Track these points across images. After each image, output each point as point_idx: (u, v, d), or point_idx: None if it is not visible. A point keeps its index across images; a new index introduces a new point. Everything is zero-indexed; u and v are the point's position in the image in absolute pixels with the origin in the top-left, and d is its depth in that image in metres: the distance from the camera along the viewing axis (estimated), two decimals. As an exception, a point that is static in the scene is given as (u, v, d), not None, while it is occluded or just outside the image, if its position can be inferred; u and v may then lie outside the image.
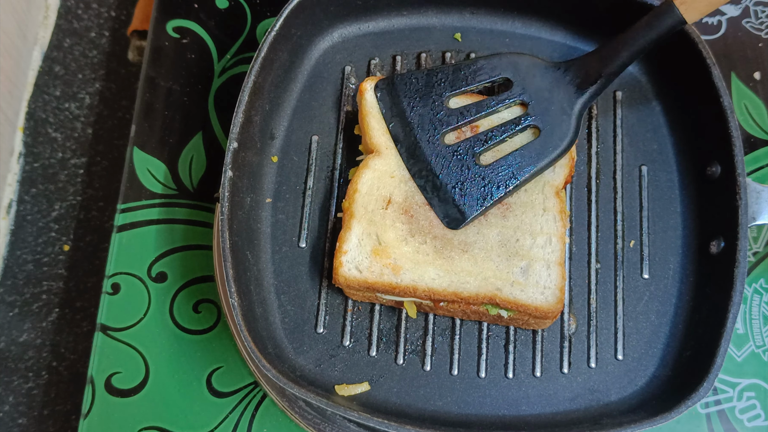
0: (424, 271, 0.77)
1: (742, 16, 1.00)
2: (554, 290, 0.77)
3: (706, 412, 0.85)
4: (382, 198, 0.79)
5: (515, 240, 0.78)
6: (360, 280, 0.77)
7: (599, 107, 0.90)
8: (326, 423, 0.81)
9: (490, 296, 0.76)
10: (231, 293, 0.74)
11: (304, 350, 0.81)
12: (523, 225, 0.79)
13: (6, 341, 0.96)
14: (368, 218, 0.78)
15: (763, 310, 0.89)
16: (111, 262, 0.88)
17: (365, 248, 0.77)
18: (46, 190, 1.02)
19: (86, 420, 0.83)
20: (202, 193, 0.91)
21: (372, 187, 0.80)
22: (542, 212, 0.80)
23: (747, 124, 0.95)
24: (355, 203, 0.79)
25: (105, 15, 1.11)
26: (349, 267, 0.77)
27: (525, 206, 0.80)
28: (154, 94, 0.95)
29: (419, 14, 0.93)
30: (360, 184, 0.80)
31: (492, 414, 0.80)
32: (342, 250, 0.77)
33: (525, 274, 0.77)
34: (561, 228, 0.79)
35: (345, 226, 0.79)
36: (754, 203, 0.80)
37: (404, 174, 0.81)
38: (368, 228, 0.78)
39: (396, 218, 0.79)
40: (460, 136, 0.82)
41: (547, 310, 0.76)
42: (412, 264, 0.77)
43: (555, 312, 0.77)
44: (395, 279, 0.76)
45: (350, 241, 0.78)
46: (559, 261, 0.78)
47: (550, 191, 0.81)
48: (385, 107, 0.83)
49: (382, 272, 0.77)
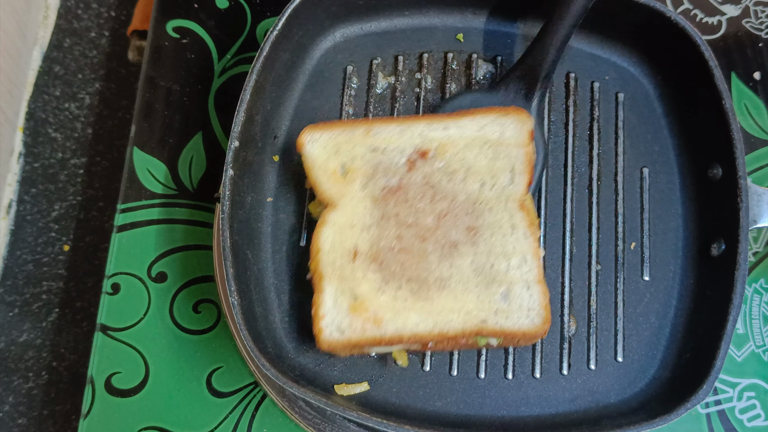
0: (406, 317, 0.74)
1: (742, 16, 1.00)
2: (539, 310, 0.75)
3: (706, 412, 0.85)
4: (347, 251, 0.76)
5: (490, 266, 0.76)
6: (344, 342, 0.73)
7: (601, 109, 0.90)
8: (326, 423, 0.81)
9: (476, 330, 0.74)
10: (231, 292, 0.74)
11: (304, 350, 0.81)
12: (495, 248, 0.76)
13: (6, 341, 0.96)
14: (338, 275, 0.75)
15: (763, 310, 0.89)
16: (111, 262, 0.88)
17: (342, 307, 0.74)
18: (46, 190, 1.02)
19: (86, 420, 0.83)
20: (202, 193, 0.91)
21: (334, 242, 0.76)
22: (511, 231, 0.77)
23: (747, 124, 0.95)
24: (322, 263, 0.75)
25: (105, 15, 1.10)
26: (330, 330, 0.73)
27: (492, 228, 0.77)
28: (154, 94, 0.94)
29: (421, 14, 0.92)
30: (322, 242, 0.76)
31: (491, 415, 0.80)
32: (319, 315, 0.74)
33: (507, 299, 0.75)
34: (533, 243, 0.76)
35: (317, 289, 0.75)
36: (755, 206, 0.80)
37: (364, 221, 0.77)
38: (340, 285, 0.75)
39: (366, 269, 0.75)
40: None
41: (535, 332, 0.74)
42: (393, 313, 0.74)
43: (543, 332, 0.75)
44: (379, 331, 0.73)
45: (325, 304, 0.74)
46: (538, 278, 0.76)
47: (514, 206, 0.77)
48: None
49: (364, 328, 0.74)
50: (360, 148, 0.78)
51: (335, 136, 0.78)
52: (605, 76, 0.92)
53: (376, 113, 0.89)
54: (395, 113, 0.89)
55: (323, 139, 0.78)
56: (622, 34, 0.90)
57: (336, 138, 0.78)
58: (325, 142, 0.78)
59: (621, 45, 0.91)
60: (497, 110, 0.79)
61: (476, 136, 0.79)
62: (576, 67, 0.91)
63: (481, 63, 0.92)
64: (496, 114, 0.79)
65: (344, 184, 0.78)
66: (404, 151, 0.78)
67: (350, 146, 0.78)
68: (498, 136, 0.79)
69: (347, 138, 0.78)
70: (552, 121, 0.90)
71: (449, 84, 0.91)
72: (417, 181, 0.78)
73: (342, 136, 0.78)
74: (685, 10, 1.00)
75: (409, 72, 0.91)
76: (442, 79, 0.91)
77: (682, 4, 1.01)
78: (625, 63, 0.92)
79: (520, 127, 0.79)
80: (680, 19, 0.85)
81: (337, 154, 0.78)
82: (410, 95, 0.90)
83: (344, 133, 0.79)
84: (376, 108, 0.89)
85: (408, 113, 0.89)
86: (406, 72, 0.91)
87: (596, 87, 0.91)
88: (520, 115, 0.79)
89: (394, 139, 0.79)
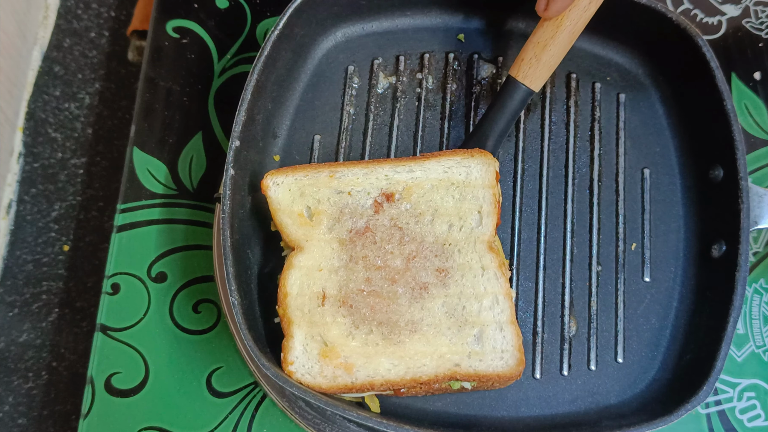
0: (378, 363, 0.73)
1: (742, 16, 1.00)
2: (513, 352, 0.74)
3: (707, 412, 0.85)
4: (315, 295, 0.75)
5: (461, 307, 0.75)
6: (314, 386, 0.72)
7: (602, 109, 0.90)
8: (326, 423, 0.81)
9: (449, 374, 0.73)
10: (231, 291, 0.74)
11: (304, 350, 0.81)
12: (466, 290, 0.75)
13: (6, 341, 0.96)
14: (307, 320, 0.74)
15: (763, 310, 0.89)
16: (111, 262, 0.88)
17: (312, 353, 0.73)
18: (46, 190, 1.02)
19: (86, 420, 0.83)
20: (202, 193, 0.91)
21: (302, 286, 0.75)
22: (481, 272, 0.76)
23: (747, 124, 0.95)
24: (290, 308, 0.74)
25: (105, 15, 1.10)
26: (301, 374, 0.72)
27: (463, 269, 0.76)
28: (154, 94, 0.94)
29: (423, 14, 0.92)
30: (289, 287, 0.75)
31: (491, 415, 0.80)
32: (288, 360, 0.73)
33: (480, 341, 0.74)
34: (504, 284, 0.76)
35: (286, 334, 0.74)
36: (756, 207, 0.80)
37: (332, 264, 0.76)
38: (310, 330, 0.74)
39: (336, 312, 0.74)
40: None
41: (510, 374, 0.73)
42: (364, 359, 0.73)
43: (518, 374, 0.74)
44: (350, 379, 0.72)
45: (295, 350, 0.73)
46: (511, 320, 0.75)
47: (482, 247, 0.77)
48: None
49: (335, 375, 0.73)
50: (325, 190, 0.78)
51: (299, 179, 0.78)
52: (607, 76, 0.92)
53: (377, 113, 0.89)
54: (396, 113, 0.89)
55: (287, 182, 0.78)
56: (624, 35, 0.90)
57: (300, 181, 0.78)
58: (290, 185, 0.78)
59: (623, 46, 0.91)
60: (462, 152, 0.79)
61: (442, 178, 0.78)
62: (577, 67, 0.91)
63: (483, 63, 0.92)
64: (461, 156, 0.79)
65: (310, 227, 0.77)
66: (370, 194, 0.78)
67: (315, 189, 0.78)
68: (464, 178, 0.78)
69: (311, 181, 0.78)
70: (553, 122, 0.90)
71: (450, 84, 0.91)
72: (384, 223, 0.77)
73: (306, 179, 0.78)
74: (685, 10, 1.00)
75: (411, 72, 0.91)
76: (443, 80, 0.91)
77: (682, 4, 1.01)
78: (626, 64, 0.92)
79: (486, 168, 0.79)
80: (682, 20, 0.85)
81: (302, 197, 0.78)
82: (411, 95, 0.90)
83: (308, 177, 0.78)
84: (377, 108, 0.89)
85: (409, 113, 0.89)
86: (408, 72, 0.91)
87: (597, 88, 0.91)
88: (485, 157, 0.79)
89: (359, 181, 0.78)
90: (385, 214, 0.77)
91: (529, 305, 0.84)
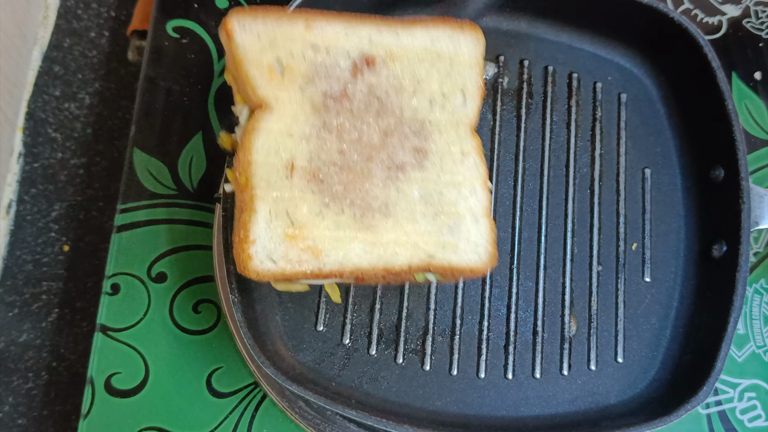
0: (348, 248, 0.66)
1: (743, 16, 1.00)
2: (486, 246, 0.69)
3: (707, 412, 0.85)
4: (283, 164, 0.66)
5: (438, 194, 0.69)
6: (276, 273, 0.64)
7: (603, 109, 0.90)
8: (326, 423, 0.81)
9: (423, 266, 0.67)
10: (232, 289, 0.74)
11: (304, 348, 0.81)
12: (444, 175, 0.69)
13: (6, 341, 0.96)
14: (273, 195, 0.65)
15: (764, 310, 0.89)
16: (111, 262, 0.88)
17: (276, 232, 0.65)
18: (45, 190, 1.02)
19: (86, 420, 0.83)
20: (202, 193, 0.91)
21: (269, 152, 0.66)
22: (461, 157, 0.70)
23: (747, 124, 0.95)
24: (254, 177, 0.65)
25: (105, 15, 1.10)
26: (260, 259, 0.64)
27: (441, 152, 0.70)
28: (154, 94, 0.94)
29: (424, 14, 0.92)
30: (255, 152, 0.65)
31: (491, 415, 0.80)
32: (249, 239, 0.64)
33: (454, 232, 0.68)
34: (484, 172, 0.70)
35: (246, 208, 0.65)
36: (757, 207, 0.80)
37: (303, 130, 0.67)
38: (275, 207, 0.65)
39: (305, 187, 0.66)
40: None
41: (482, 269, 0.68)
42: (333, 242, 0.66)
43: (489, 269, 0.69)
44: (317, 264, 0.65)
45: (258, 227, 0.64)
46: (486, 212, 0.69)
47: (465, 131, 0.71)
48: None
49: (300, 259, 0.65)
50: (299, 44, 0.68)
51: (271, 26, 0.68)
52: (608, 76, 0.92)
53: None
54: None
55: (257, 27, 0.67)
56: (625, 35, 0.90)
57: (272, 29, 0.68)
58: (259, 32, 0.67)
59: (624, 45, 0.91)
60: (451, 22, 0.72)
61: (428, 48, 0.71)
62: (578, 67, 0.91)
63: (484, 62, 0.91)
64: (450, 27, 0.72)
65: (281, 83, 0.67)
66: (349, 55, 0.70)
67: (288, 41, 0.68)
68: (451, 52, 0.72)
69: (284, 32, 0.68)
70: (554, 121, 0.90)
71: (450, 83, 0.90)
72: (362, 90, 0.69)
73: (279, 28, 0.68)
74: (685, 9, 1.00)
75: (411, 71, 0.91)
76: (443, 79, 0.91)
77: (683, 3, 1.01)
78: (627, 63, 0.92)
79: (474, 45, 0.72)
80: (683, 20, 0.85)
81: (272, 48, 0.68)
82: (411, 95, 0.90)
83: (282, 26, 0.68)
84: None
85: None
86: (407, 72, 0.91)
87: (599, 87, 0.91)
88: (476, 32, 0.73)
89: (338, 39, 0.70)
90: (364, 80, 0.70)
91: (530, 305, 0.84)
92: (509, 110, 0.90)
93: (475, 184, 0.70)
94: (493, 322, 0.83)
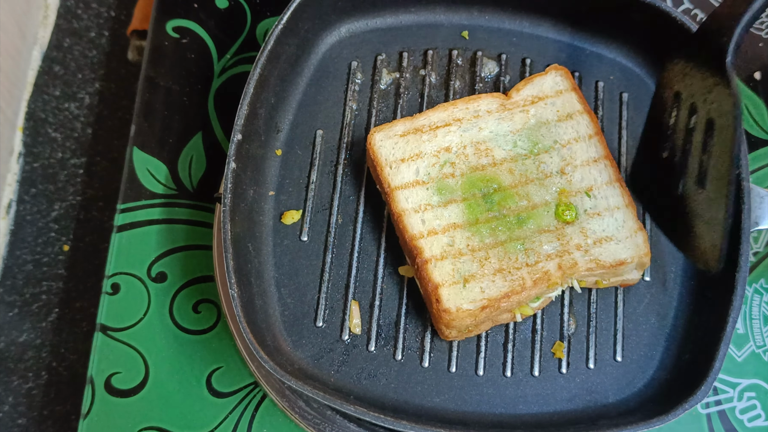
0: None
1: (743, 16, 1.00)
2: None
3: (707, 412, 0.85)
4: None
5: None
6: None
7: (605, 108, 0.90)
8: (326, 423, 0.81)
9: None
10: (231, 284, 0.74)
11: (303, 344, 0.81)
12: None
13: (6, 341, 0.96)
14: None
15: (764, 310, 0.89)
16: (111, 262, 0.88)
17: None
18: (45, 190, 1.02)
19: (86, 420, 0.83)
20: (202, 193, 0.91)
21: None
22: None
23: (747, 124, 0.95)
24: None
25: (105, 15, 1.10)
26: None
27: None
28: (154, 94, 0.94)
29: (427, 11, 0.92)
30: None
31: (489, 412, 0.80)
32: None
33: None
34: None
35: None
36: (757, 208, 0.80)
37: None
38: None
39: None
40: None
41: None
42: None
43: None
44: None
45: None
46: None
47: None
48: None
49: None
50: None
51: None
52: (610, 75, 0.91)
53: (379, 109, 0.89)
54: (399, 109, 0.89)
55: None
56: (627, 34, 0.90)
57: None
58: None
59: (626, 45, 0.91)
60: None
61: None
62: (581, 66, 0.91)
63: (486, 60, 0.92)
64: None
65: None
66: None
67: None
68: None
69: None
70: (552, 121, 0.90)
71: (453, 81, 0.91)
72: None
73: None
74: (685, 9, 1.00)
75: (414, 68, 0.91)
76: (446, 76, 0.91)
77: (683, 3, 1.01)
78: (629, 63, 0.92)
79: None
80: (686, 20, 0.84)
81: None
82: (414, 91, 0.90)
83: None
84: (380, 103, 0.89)
85: (411, 110, 0.89)
86: (411, 68, 0.91)
87: (601, 86, 0.91)
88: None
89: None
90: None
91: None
92: (509, 110, 0.90)
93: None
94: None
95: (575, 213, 0.78)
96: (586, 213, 0.79)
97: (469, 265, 0.77)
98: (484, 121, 0.82)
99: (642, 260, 0.78)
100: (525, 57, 0.92)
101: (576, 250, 0.77)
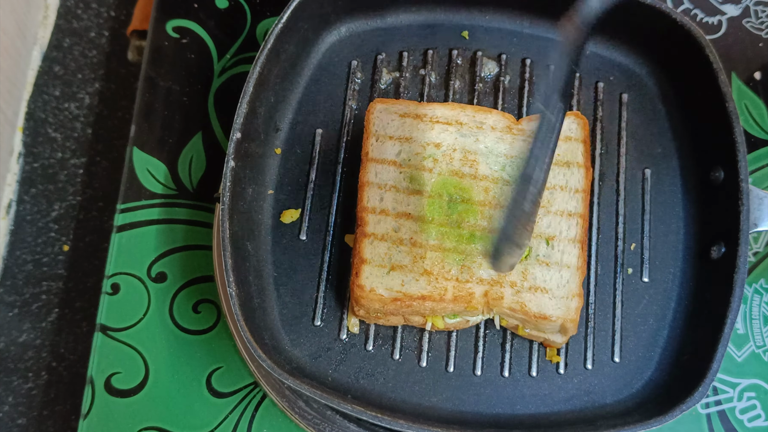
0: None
1: (743, 16, 1.00)
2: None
3: (707, 412, 0.85)
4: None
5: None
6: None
7: (605, 109, 0.90)
8: (326, 423, 0.81)
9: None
10: (229, 283, 0.74)
11: (301, 342, 0.81)
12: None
13: (6, 341, 0.96)
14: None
15: (764, 310, 0.89)
16: (111, 262, 0.88)
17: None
18: (45, 190, 1.02)
19: (86, 420, 0.83)
20: (202, 193, 0.91)
21: None
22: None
23: (747, 124, 0.95)
24: None
25: (105, 15, 1.10)
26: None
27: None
28: (154, 94, 0.94)
29: (427, 11, 0.92)
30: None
31: (487, 412, 0.80)
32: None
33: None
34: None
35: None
36: (756, 209, 0.79)
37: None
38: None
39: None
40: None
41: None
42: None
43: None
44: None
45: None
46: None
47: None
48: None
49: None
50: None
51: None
52: (610, 76, 0.91)
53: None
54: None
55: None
56: (628, 35, 0.90)
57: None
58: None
59: (626, 46, 0.91)
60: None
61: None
62: (580, 66, 0.91)
63: (486, 60, 0.92)
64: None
65: None
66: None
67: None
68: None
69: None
70: (553, 121, 0.90)
71: (453, 81, 0.91)
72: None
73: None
74: (685, 9, 1.00)
75: (414, 68, 0.91)
76: (446, 76, 0.91)
77: (683, 3, 1.00)
78: (629, 64, 0.92)
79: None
80: (686, 21, 0.84)
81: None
82: (414, 91, 0.90)
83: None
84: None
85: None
86: (411, 68, 0.91)
87: (600, 87, 0.91)
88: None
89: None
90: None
91: (528, 305, 0.84)
92: (511, 109, 0.90)
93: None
94: (491, 320, 0.83)
95: (527, 254, 0.78)
96: (537, 259, 0.78)
97: (403, 256, 0.77)
98: (484, 135, 0.82)
99: (567, 325, 0.77)
100: (525, 57, 0.92)
101: (509, 286, 0.77)
